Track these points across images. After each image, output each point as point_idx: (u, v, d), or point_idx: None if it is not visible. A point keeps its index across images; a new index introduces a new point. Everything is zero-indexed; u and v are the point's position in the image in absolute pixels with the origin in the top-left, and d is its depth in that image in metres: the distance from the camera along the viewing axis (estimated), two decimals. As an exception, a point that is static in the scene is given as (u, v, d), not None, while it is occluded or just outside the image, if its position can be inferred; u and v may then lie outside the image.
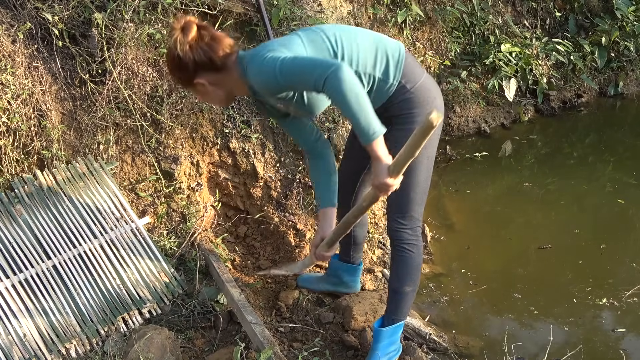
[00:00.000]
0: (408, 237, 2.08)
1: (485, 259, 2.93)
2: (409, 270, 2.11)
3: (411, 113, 1.93)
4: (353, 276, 2.51)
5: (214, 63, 1.82)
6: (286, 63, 1.71)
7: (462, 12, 4.21)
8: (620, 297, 2.60)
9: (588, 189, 3.51)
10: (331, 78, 1.63)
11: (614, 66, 4.83)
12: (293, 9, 3.09)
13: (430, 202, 3.59)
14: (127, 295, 2.37)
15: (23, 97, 2.45)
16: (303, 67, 1.69)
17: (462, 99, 4.26)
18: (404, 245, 2.09)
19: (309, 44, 1.84)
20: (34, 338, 2.18)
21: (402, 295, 2.13)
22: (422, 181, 2.03)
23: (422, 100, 1.94)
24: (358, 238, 2.43)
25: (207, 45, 1.81)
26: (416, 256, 2.10)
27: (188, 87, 1.96)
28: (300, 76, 1.70)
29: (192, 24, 1.79)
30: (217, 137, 2.85)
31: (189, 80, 1.87)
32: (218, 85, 1.88)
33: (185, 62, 1.81)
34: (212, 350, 2.25)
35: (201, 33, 1.81)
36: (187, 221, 2.70)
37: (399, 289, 2.13)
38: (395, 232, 2.09)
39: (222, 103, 1.98)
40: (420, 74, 1.96)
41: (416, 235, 2.10)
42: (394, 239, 2.10)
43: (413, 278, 2.12)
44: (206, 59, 1.81)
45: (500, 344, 2.31)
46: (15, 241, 2.31)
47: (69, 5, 2.58)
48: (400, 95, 1.92)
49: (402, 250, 2.09)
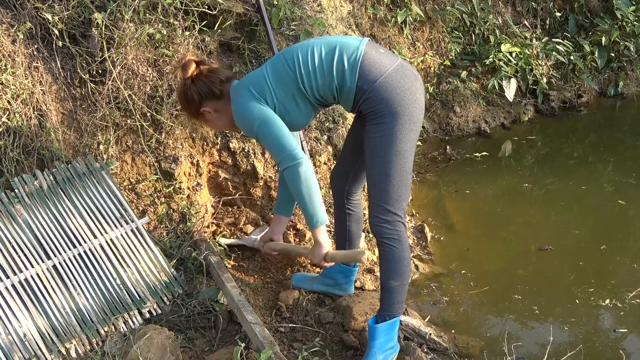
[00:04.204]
0: (387, 232, 2.09)
1: (485, 259, 2.93)
2: (393, 265, 2.11)
3: (375, 110, 2.01)
4: (347, 278, 2.51)
5: (214, 92, 2.12)
6: (261, 133, 2.05)
7: (462, 12, 4.21)
8: (623, 298, 2.59)
9: (588, 189, 3.50)
10: (291, 171, 2.01)
11: (614, 66, 4.83)
12: (293, 9, 3.09)
13: (430, 202, 3.61)
14: (127, 295, 2.37)
15: (23, 97, 2.45)
16: (273, 146, 2.05)
17: (462, 99, 4.27)
18: (384, 239, 2.10)
19: (272, 75, 2.07)
20: (34, 338, 2.18)
21: (389, 290, 2.13)
22: (396, 175, 2.03)
23: (385, 97, 1.99)
24: (352, 235, 2.44)
25: (206, 77, 2.11)
26: (399, 250, 2.10)
27: (198, 118, 2.23)
28: (269, 148, 2.08)
29: (191, 62, 2.10)
30: (217, 137, 2.85)
31: (197, 110, 2.16)
32: (221, 112, 2.17)
33: (191, 94, 2.12)
34: (212, 350, 2.25)
35: (200, 68, 2.12)
36: (187, 221, 2.70)
37: (385, 283, 2.14)
38: (374, 226, 2.12)
39: (227, 128, 2.30)
40: (379, 72, 2.00)
41: (396, 230, 2.09)
42: (374, 233, 2.14)
43: (399, 272, 2.11)
44: (207, 89, 2.11)
45: (500, 344, 2.31)
46: (15, 241, 2.31)
47: (69, 5, 2.58)
48: (361, 96, 2.01)
49: (383, 245, 2.11)
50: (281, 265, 2.75)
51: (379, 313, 2.17)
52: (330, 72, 2.00)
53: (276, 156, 2.05)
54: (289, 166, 2.01)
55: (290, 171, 2.01)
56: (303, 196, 2.03)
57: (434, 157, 3.96)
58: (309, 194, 2.02)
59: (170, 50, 2.71)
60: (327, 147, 3.05)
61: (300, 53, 2.05)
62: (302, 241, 2.80)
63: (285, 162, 2.02)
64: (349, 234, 2.44)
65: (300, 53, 2.05)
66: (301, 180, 2.00)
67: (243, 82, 2.13)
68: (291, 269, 2.71)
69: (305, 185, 2.01)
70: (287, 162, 2.01)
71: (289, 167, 2.01)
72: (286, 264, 2.75)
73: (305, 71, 2.03)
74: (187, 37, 2.74)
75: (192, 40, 2.76)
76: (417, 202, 3.43)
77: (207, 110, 2.15)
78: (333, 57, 2.00)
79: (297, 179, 2.01)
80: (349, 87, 2.01)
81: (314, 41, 2.08)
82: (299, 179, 2.00)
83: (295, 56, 2.05)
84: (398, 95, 1.99)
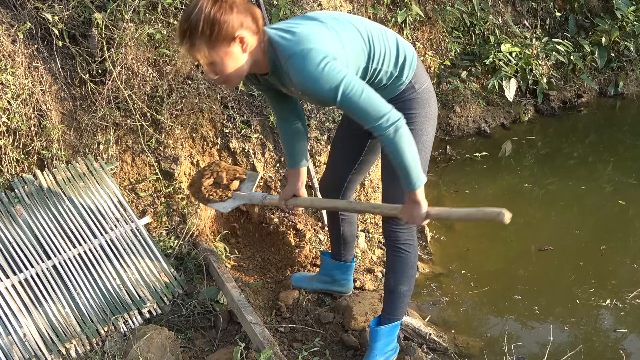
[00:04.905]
0: (405, 237, 2.09)
1: (485, 259, 2.93)
2: (406, 270, 2.12)
3: (413, 113, 1.96)
4: (345, 274, 2.51)
5: (256, 21, 1.70)
6: (352, 94, 1.68)
7: (462, 12, 4.21)
8: (624, 298, 2.59)
9: (588, 190, 3.51)
10: (400, 127, 1.70)
11: (614, 66, 4.83)
12: (293, 8, 3.09)
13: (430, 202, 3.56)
14: (127, 295, 2.37)
15: (23, 97, 2.45)
16: (370, 105, 1.69)
17: (462, 99, 4.26)
18: (401, 245, 2.10)
19: (348, 42, 1.77)
20: (34, 338, 2.18)
21: (398, 295, 2.14)
22: None
23: (425, 102, 1.98)
24: (347, 237, 2.43)
25: (246, 4, 1.71)
26: (412, 256, 2.12)
27: (220, 48, 1.68)
28: (364, 109, 1.69)
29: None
30: (217, 137, 2.85)
31: (230, 34, 1.66)
32: (247, 53, 1.73)
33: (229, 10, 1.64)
34: (212, 350, 2.25)
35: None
36: (187, 221, 2.70)
37: (395, 288, 2.13)
38: (391, 232, 2.09)
39: (238, 78, 1.78)
40: (426, 78, 2.02)
41: (412, 235, 2.11)
42: (390, 239, 2.11)
43: (409, 277, 2.13)
44: (249, 13, 1.69)
45: (500, 344, 2.31)
46: (15, 241, 2.31)
47: (69, 5, 2.58)
48: (407, 94, 1.96)
49: (398, 250, 2.10)
50: (281, 265, 2.75)
51: (383, 315, 2.17)
52: (396, 63, 1.92)
53: (377, 115, 1.69)
54: (396, 122, 1.69)
55: (399, 128, 1.70)
56: (407, 159, 1.73)
57: (434, 157, 3.96)
58: (412, 156, 1.74)
59: (170, 50, 2.71)
60: (327, 147, 3.05)
61: (374, 33, 1.87)
62: (302, 241, 2.80)
63: (391, 118, 1.69)
64: (344, 238, 2.43)
65: (374, 33, 1.87)
66: (406, 141, 1.72)
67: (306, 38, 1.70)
68: (291, 269, 2.71)
69: (409, 145, 1.73)
70: (394, 117, 1.70)
71: (397, 122, 1.70)
72: (286, 264, 2.75)
73: (378, 53, 1.86)
74: (187, 37, 2.74)
75: (192, 40, 2.76)
76: (417, 202, 3.43)
77: (243, 36, 1.67)
78: (398, 49, 1.92)
79: (405, 135, 1.71)
80: (402, 81, 1.94)
81: (374, 24, 1.92)
82: (403, 140, 1.71)
83: (370, 34, 1.85)
84: (432, 105, 2.01)
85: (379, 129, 1.71)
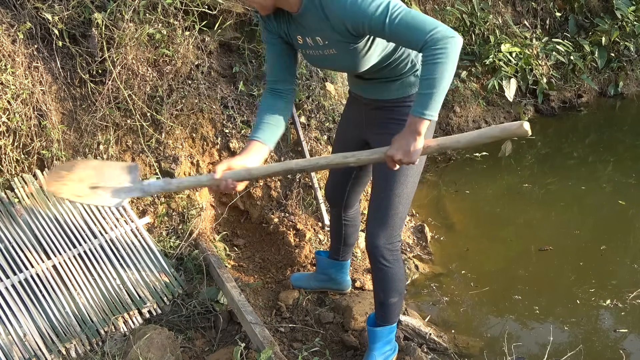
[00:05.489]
0: (389, 254, 2.01)
1: (485, 259, 2.93)
2: (392, 284, 2.06)
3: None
4: (341, 272, 2.51)
5: None
6: (402, 9, 1.57)
7: (462, 12, 4.21)
8: (624, 298, 2.59)
9: (588, 190, 3.51)
10: (454, 42, 1.54)
11: (614, 66, 4.84)
12: (293, 9, 3.08)
13: (430, 202, 3.61)
14: (127, 295, 2.37)
15: (23, 97, 2.45)
16: (419, 20, 1.55)
17: (462, 99, 4.27)
18: (385, 262, 2.02)
19: None
20: (34, 338, 2.18)
21: (389, 306, 2.10)
22: (410, 194, 1.99)
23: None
24: (348, 240, 2.43)
25: None
26: (398, 268, 2.05)
27: None
28: (415, 25, 1.55)
29: None
30: (217, 137, 2.85)
31: None
32: None
33: None
34: (212, 350, 2.25)
35: None
36: (187, 221, 2.70)
37: (384, 301, 2.09)
38: (375, 248, 1.99)
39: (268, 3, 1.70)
40: None
41: (397, 251, 2.03)
42: (372, 254, 2.02)
43: (397, 289, 2.07)
44: None
45: (500, 344, 2.31)
46: (15, 241, 2.31)
47: (69, 5, 2.58)
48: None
49: (383, 266, 2.03)
50: (281, 265, 2.75)
51: (377, 321, 2.15)
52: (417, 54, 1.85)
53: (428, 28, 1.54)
54: (451, 36, 1.54)
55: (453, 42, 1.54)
56: (448, 81, 1.57)
57: (434, 157, 3.96)
58: (448, 80, 1.57)
59: (170, 50, 2.71)
60: (327, 147, 3.05)
61: None
62: (302, 241, 2.80)
63: (444, 31, 1.54)
64: (345, 240, 2.42)
65: None
66: (454, 59, 1.55)
67: None
68: (291, 269, 2.71)
69: (453, 67, 1.56)
70: (448, 31, 1.54)
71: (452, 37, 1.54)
72: (286, 264, 2.75)
73: None
74: (187, 37, 2.74)
75: (192, 40, 2.76)
76: (417, 202, 3.43)
77: None
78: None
79: (455, 52, 1.55)
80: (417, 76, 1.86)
81: None
82: (456, 54, 1.55)
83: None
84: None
85: (431, 42, 1.53)
